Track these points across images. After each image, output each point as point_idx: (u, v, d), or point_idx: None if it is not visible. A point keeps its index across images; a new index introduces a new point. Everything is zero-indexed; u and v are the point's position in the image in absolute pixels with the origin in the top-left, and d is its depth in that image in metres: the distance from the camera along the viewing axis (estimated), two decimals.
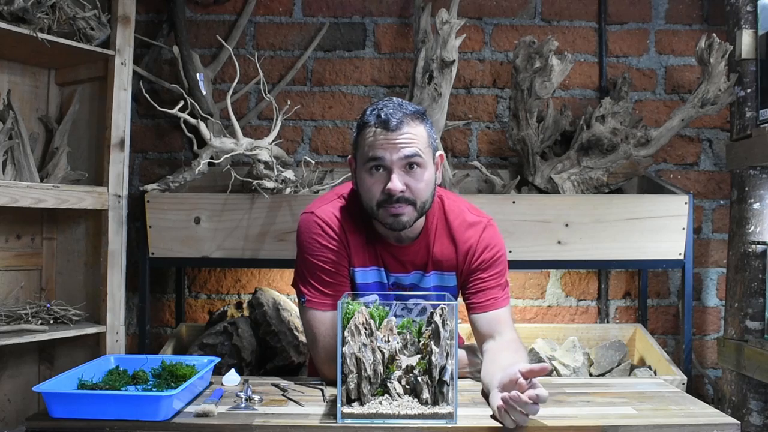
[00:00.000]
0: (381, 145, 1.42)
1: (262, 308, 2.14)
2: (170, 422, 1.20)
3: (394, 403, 1.20)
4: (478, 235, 1.55)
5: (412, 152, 1.42)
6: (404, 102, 1.49)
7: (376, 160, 1.43)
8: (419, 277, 1.56)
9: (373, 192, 1.45)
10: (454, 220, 1.57)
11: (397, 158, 1.42)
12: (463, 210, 1.59)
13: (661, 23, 2.49)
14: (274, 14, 2.49)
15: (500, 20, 2.49)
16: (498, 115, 2.49)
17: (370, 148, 1.43)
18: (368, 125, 1.45)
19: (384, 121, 1.42)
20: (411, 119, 1.44)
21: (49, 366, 2.02)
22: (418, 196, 1.45)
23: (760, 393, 2.03)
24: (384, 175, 1.43)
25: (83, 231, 2.02)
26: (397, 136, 1.42)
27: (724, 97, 2.11)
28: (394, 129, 1.42)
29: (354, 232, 1.53)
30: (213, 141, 1.97)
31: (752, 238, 2.08)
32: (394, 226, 1.46)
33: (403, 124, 1.42)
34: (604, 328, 2.34)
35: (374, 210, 1.46)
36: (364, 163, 1.45)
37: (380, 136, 1.42)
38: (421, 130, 1.46)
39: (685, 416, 1.25)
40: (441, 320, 1.20)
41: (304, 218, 1.55)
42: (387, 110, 1.43)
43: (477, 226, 1.56)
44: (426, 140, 1.47)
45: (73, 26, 1.86)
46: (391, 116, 1.42)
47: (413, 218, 1.46)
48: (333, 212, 1.54)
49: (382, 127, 1.42)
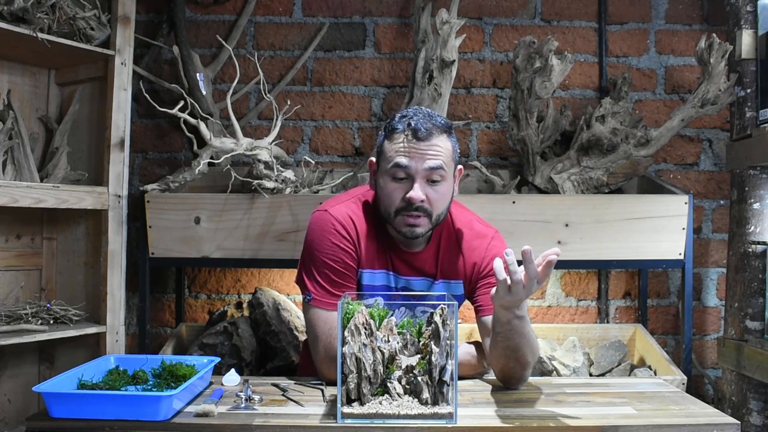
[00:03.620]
0: (408, 152, 1.44)
1: (262, 308, 2.14)
2: (170, 422, 1.20)
3: (394, 403, 1.20)
4: (485, 246, 1.58)
5: (437, 164, 1.45)
6: (434, 113, 1.51)
7: (401, 167, 1.45)
8: (428, 285, 1.57)
9: (393, 198, 1.47)
10: (461, 229, 1.60)
11: (422, 168, 1.44)
12: (471, 221, 1.62)
13: (661, 23, 2.49)
14: (274, 14, 2.49)
15: (500, 20, 2.49)
16: (498, 115, 2.49)
17: (397, 154, 1.45)
18: (397, 131, 1.47)
19: (414, 130, 1.44)
20: (440, 131, 1.47)
21: (49, 366, 2.02)
22: (435, 208, 1.47)
23: (760, 393, 2.03)
24: (406, 183, 1.46)
25: (83, 231, 2.02)
26: (424, 146, 1.44)
27: (724, 97, 2.11)
28: (422, 139, 1.44)
29: (366, 235, 1.54)
30: (213, 141, 1.97)
31: (752, 238, 2.08)
32: (408, 234, 1.48)
33: (432, 136, 1.45)
34: (604, 328, 2.34)
35: (391, 216, 1.48)
36: (388, 167, 1.47)
37: (408, 144, 1.45)
38: (447, 143, 1.48)
39: (685, 416, 1.25)
40: (441, 320, 1.20)
41: (317, 216, 1.56)
42: (417, 119, 1.46)
43: (484, 238, 1.59)
44: (451, 154, 1.49)
45: (73, 26, 1.86)
46: (421, 126, 1.44)
47: (428, 229, 1.49)
48: (347, 212, 1.54)
49: (412, 136, 1.45)
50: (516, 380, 1.46)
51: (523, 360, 1.41)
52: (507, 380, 1.47)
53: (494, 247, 1.58)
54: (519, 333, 1.36)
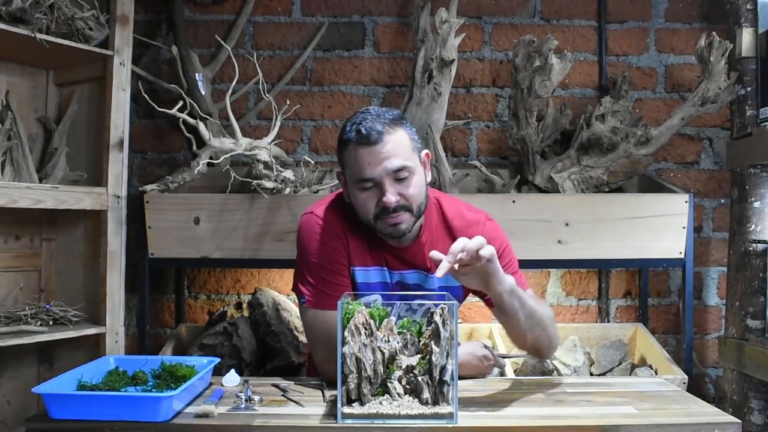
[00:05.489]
0: (368, 163, 1.42)
1: (262, 308, 2.13)
2: (170, 423, 1.19)
3: (395, 403, 1.20)
4: (480, 232, 1.54)
5: (399, 165, 1.42)
6: (381, 110, 1.48)
7: (366, 180, 1.43)
8: (423, 278, 1.56)
9: (368, 207, 1.46)
10: (453, 219, 1.58)
11: (385, 172, 1.42)
12: (460, 209, 1.60)
13: (661, 22, 2.49)
14: (273, 14, 2.49)
15: (500, 19, 2.49)
16: (498, 115, 2.49)
17: (358, 169, 1.43)
18: (350, 142, 1.44)
19: (365, 136, 1.42)
20: (391, 128, 1.44)
21: (49, 367, 2.02)
22: (413, 201, 1.46)
23: (761, 392, 2.03)
24: (376, 189, 1.44)
25: (82, 232, 2.01)
26: (380, 150, 1.41)
27: (724, 96, 2.11)
28: (376, 142, 1.41)
29: (354, 233, 1.53)
30: (212, 141, 1.97)
31: (753, 237, 2.08)
32: (394, 234, 1.47)
33: (384, 136, 1.42)
34: (605, 328, 2.34)
35: (372, 222, 1.47)
36: (354, 182, 1.46)
37: (364, 152, 1.42)
38: (402, 136, 1.46)
39: (686, 415, 1.25)
40: (441, 320, 1.20)
41: (303, 219, 1.56)
42: (366, 124, 1.43)
43: (477, 225, 1.57)
44: (409, 145, 1.47)
45: (72, 26, 1.86)
46: (371, 130, 1.42)
47: (411, 223, 1.48)
48: (333, 212, 1.54)
49: (365, 143, 1.42)
50: (546, 348, 1.49)
51: (539, 327, 1.42)
52: (538, 351, 1.51)
53: (490, 230, 1.56)
54: (518, 305, 1.37)
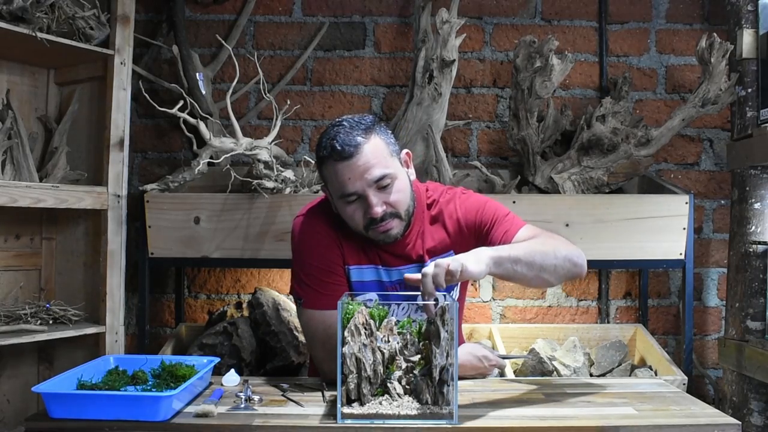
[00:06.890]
0: (348, 178, 1.42)
1: (262, 308, 2.13)
2: (170, 423, 1.19)
3: (394, 403, 1.20)
4: (459, 204, 1.57)
5: (379, 174, 1.42)
6: (353, 120, 1.47)
7: (349, 195, 1.44)
8: (419, 271, 1.56)
9: (356, 219, 1.46)
10: (431, 205, 1.59)
11: (367, 184, 1.42)
12: (435, 188, 1.63)
13: (662, 22, 2.49)
14: (274, 14, 2.49)
15: (500, 20, 2.49)
16: (498, 115, 2.49)
17: (339, 185, 1.44)
18: (327, 159, 1.44)
19: (340, 152, 1.41)
20: (364, 138, 1.43)
21: (49, 366, 2.02)
22: (399, 207, 1.46)
23: (761, 393, 2.03)
24: (361, 201, 1.44)
25: (82, 231, 2.02)
26: (357, 162, 1.41)
27: (724, 97, 2.11)
28: (351, 156, 1.41)
29: (347, 233, 1.53)
30: (212, 141, 1.97)
31: (753, 238, 2.08)
32: (386, 240, 1.49)
33: (359, 147, 1.42)
34: (605, 328, 2.34)
35: (363, 232, 1.48)
36: (338, 197, 1.47)
37: (342, 167, 1.42)
38: (377, 143, 1.45)
39: (686, 416, 1.25)
40: (441, 320, 1.20)
41: (296, 221, 1.58)
42: (339, 138, 1.42)
43: (453, 199, 1.58)
44: (386, 150, 1.46)
45: (73, 26, 1.86)
46: (345, 144, 1.41)
47: (402, 227, 1.49)
48: (324, 213, 1.55)
49: (341, 158, 1.42)
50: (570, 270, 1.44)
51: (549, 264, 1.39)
52: (567, 277, 1.47)
53: (467, 198, 1.58)
54: (511, 267, 1.33)
